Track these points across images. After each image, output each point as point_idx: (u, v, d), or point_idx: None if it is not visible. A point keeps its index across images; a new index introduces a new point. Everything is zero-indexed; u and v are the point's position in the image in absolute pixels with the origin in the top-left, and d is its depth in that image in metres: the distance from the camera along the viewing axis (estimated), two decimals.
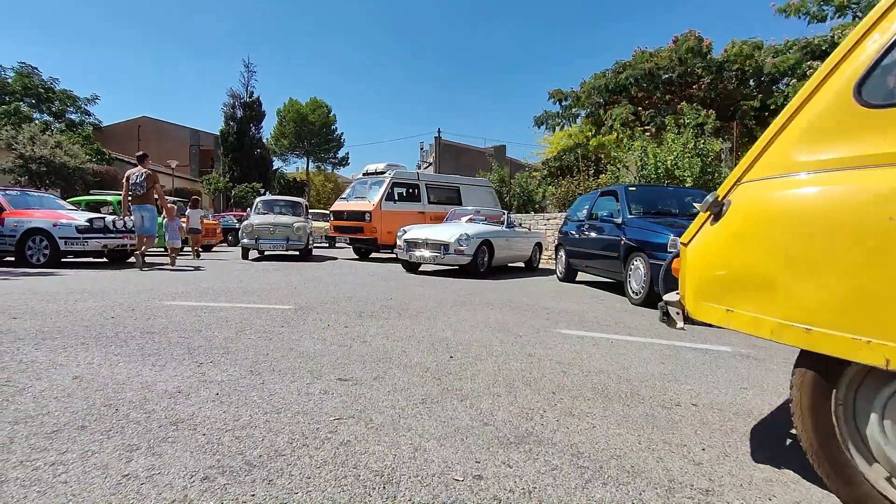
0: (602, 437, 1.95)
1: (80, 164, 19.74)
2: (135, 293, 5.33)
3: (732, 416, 2.25)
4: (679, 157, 10.42)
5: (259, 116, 37.26)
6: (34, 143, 18.36)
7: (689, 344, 3.73)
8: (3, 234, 8.17)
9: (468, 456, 1.75)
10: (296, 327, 3.82)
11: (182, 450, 1.72)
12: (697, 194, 7.23)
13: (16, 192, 9.32)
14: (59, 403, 2.11)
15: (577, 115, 18.46)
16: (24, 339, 3.17)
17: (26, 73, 32.64)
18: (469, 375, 2.71)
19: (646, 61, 16.13)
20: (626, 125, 15.59)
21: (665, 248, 5.17)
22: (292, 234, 11.16)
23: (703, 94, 15.15)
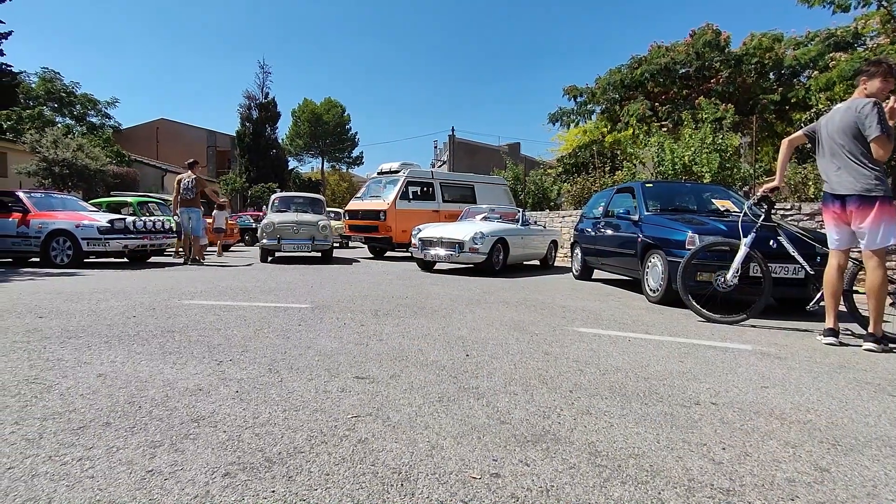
0: (620, 436, 1.94)
1: (100, 167, 20.14)
2: (155, 293, 5.42)
3: (753, 415, 2.22)
4: (697, 152, 10.28)
5: (274, 117, 37.64)
6: (57, 146, 18.78)
7: (708, 342, 3.69)
8: (28, 236, 8.39)
9: (485, 454, 1.76)
10: (312, 326, 3.85)
11: (203, 446, 1.75)
12: (716, 190, 7.13)
13: (40, 194, 9.55)
14: (84, 400, 2.16)
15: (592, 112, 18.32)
16: (50, 338, 3.25)
17: (49, 78, 33.42)
18: (485, 374, 2.71)
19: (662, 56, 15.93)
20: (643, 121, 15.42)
21: (683, 246, 5.11)
22: (317, 233, 10.14)
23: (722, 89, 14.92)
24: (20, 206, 8.63)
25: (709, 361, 3.12)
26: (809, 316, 5.01)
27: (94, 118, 35.91)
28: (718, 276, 4.58)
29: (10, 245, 8.49)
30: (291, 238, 10.04)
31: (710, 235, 4.97)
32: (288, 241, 9.98)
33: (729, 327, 4.30)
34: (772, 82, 15.55)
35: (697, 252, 4.62)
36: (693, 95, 15.25)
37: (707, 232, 5.08)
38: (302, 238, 10.09)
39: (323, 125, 50.03)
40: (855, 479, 1.68)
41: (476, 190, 13.66)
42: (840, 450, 1.89)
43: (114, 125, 36.87)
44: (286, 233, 10.03)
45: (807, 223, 7.86)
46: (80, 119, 34.75)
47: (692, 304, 4.54)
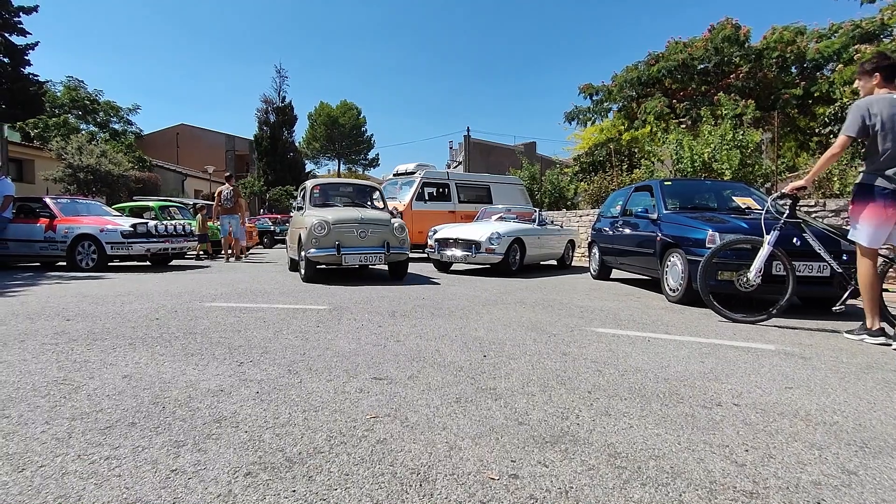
0: (640, 438, 1.92)
1: (123, 172, 20.59)
2: (177, 295, 5.53)
3: (777, 416, 2.18)
4: (717, 149, 10.13)
5: (291, 121, 38.10)
6: (81, 152, 19.25)
7: (730, 342, 3.63)
8: (55, 241, 8.61)
9: (503, 455, 1.76)
10: (331, 327, 3.89)
11: (225, 446, 1.78)
12: (737, 188, 7.02)
13: (66, 199, 9.80)
14: (110, 401, 2.21)
15: (608, 110, 18.18)
16: (77, 340, 3.34)
17: (73, 87, 34.28)
18: (503, 374, 2.71)
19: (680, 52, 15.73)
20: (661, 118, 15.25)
21: (703, 244, 5.04)
22: (392, 236, 7.10)
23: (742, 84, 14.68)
24: (47, 212, 8.86)
25: (731, 362, 3.08)
26: (834, 315, 4.90)
27: (117, 125, 36.72)
28: (740, 276, 4.51)
29: (38, 250, 8.72)
30: (357, 246, 6.88)
31: (730, 233, 4.90)
32: (352, 249, 6.82)
33: (751, 327, 4.22)
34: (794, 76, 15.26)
35: (718, 250, 4.55)
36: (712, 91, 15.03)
37: (728, 230, 5.00)
38: (371, 246, 6.97)
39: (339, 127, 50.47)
40: (884, 482, 1.64)
41: (492, 190, 13.64)
42: (868, 452, 1.85)
43: (135, 131, 37.65)
44: (348, 238, 6.86)
45: (832, 220, 7.69)
46: (103, 126, 35.56)
47: (713, 304, 4.47)
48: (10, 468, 1.60)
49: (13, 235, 8.72)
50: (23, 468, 1.60)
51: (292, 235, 8.23)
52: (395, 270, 7.54)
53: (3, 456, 1.69)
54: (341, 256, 6.74)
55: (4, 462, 1.64)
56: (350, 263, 6.83)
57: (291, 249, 8.32)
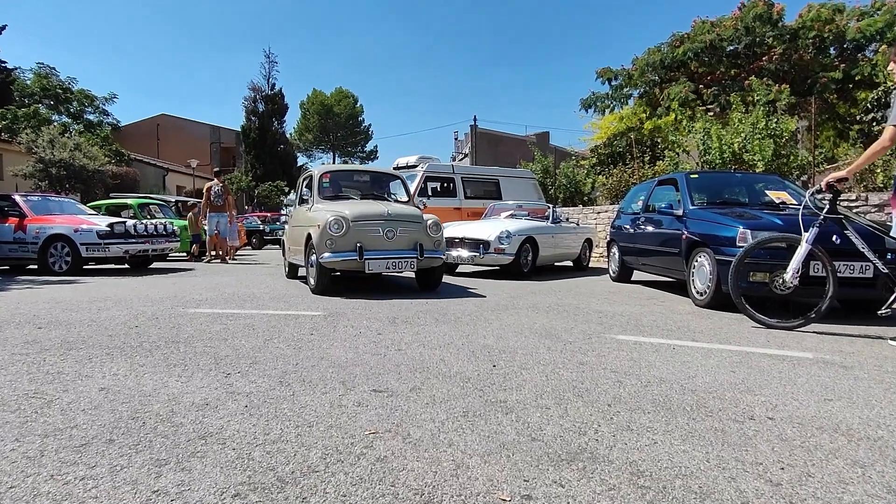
0: (665, 455, 1.92)
1: (99, 167, 20.72)
2: (158, 301, 5.55)
3: (816, 430, 2.17)
4: (748, 138, 10.09)
5: (282, 110, 38.22)
6: (53, 145, 19.38)
7: (763, 349, 3.62)
8: (25, 242, 8.67)
9: (515, 474, 1.76)
10: (326, 335, 3.90)
11: (212, 465, 1.79)
12: (771, 180, 6.99)
13: (37, 197, 9.88)
14: (86, 416, 2.22)
15: (629, 96, 18.17)
16: (49, 350, 3.36)
17: (44, 74, 34.47)
18: (514, 386, 2.71)
19: (707, 32, 15.70)
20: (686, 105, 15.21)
21: (733, 243, 5.03)
22: (425, 236, 6.32)
23: (775, 67, 14.62)
24: (16, 211, 8.93)
25: (764, 371, 3.06)
26: (878, 320, 4.87)
27: (92, 115, 36.92)
28: (775, 277, 4.49)
29: (7, 252, 8.79)
30: (382, 249, 6.07)
31: (764, 231, 4.88)
32: (378, 253, 6.02)
33: (785, 334, 4.20)
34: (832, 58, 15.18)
35: (751, 249, 4.53)
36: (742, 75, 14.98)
37: (761, 227, 4.98)
38: (400, 248, 6.16)
39: (334, 117, 50.64)
40: None
41: (501, 184, 13.65)
42: None
43: (112, 122, 37.85)
44: (371, 239, 6.05)
45: (874, 215, 7.65)
46: (77, 117, 35.77)
47: (746, 308, 4.46)
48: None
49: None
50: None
51: (293, 236, 7.37)
52: (426, 279, 6.63)
53: None
54: (364, 262, 5.86)
55: None
56: (375, 271, 5.98)
57: (293, 253, 7.39)
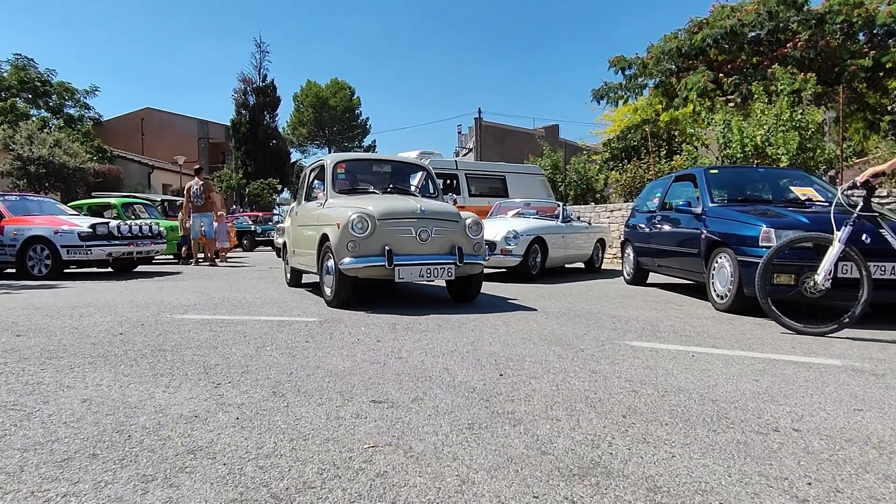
0: (683, 469, 1.92)
1: (80, 164, 20.80)
2: (143, 306, 5.58)
3: (845, 443, 2.17)
4: (771, 131, 10.07)
5: (274, 103, 38.30)
6: (32, 142, 19.47)
7: (788, 356, 3.61)
8: (3, 244, 8.71)
9: (524, 490, 1.76)
10: (322, 342, 3.91)
11: (201, 481, 1.80)
12: (796, 176, 6.98)
13: (15, 197, 9.94)
14: (68, 429, 2.24)
15: (644, 86, 18.14)
16: (29, 359, 3.38)
17: (22, 66, 34.63)
18: (522, 396, 2.71)
19: (727, 17, 15.67)
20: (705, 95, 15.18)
21: (756, 242, 5.02)
22: (464, 238, 5.73)
23: (800, 54, 14.59)
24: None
25: (789, 380, 3.06)
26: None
27: (72, 109, 37.09)
28: (804, 279, 4.49)
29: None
30: (414, 254, 5.43)
31: (789, 230, 4.87)
32: (408, 259, 5.37)
33: (812, 340, 4.19)
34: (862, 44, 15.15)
35: (779, 250, 4.54)
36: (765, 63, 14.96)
37: (786, 226, 4.98)
38: (435, 253, 5.55)
39: (329, 110, 50.73)
40: None
41: (508, 181, 13.65)
42: None
43: (94, 117, 38.00)
44: (401, 241, 5.40)
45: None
46: (56, 111, 35.93)
47: (773, 312, 4.46)
48: None
49: None
50: None
51: (299, 237, 6.71)
52: (462, 289, 6.02)
53: None
54: (394, 269, 5.22)
55: None
56: (406, 279, 5.21)
57: (299, 257, 6.73)
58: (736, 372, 3.21)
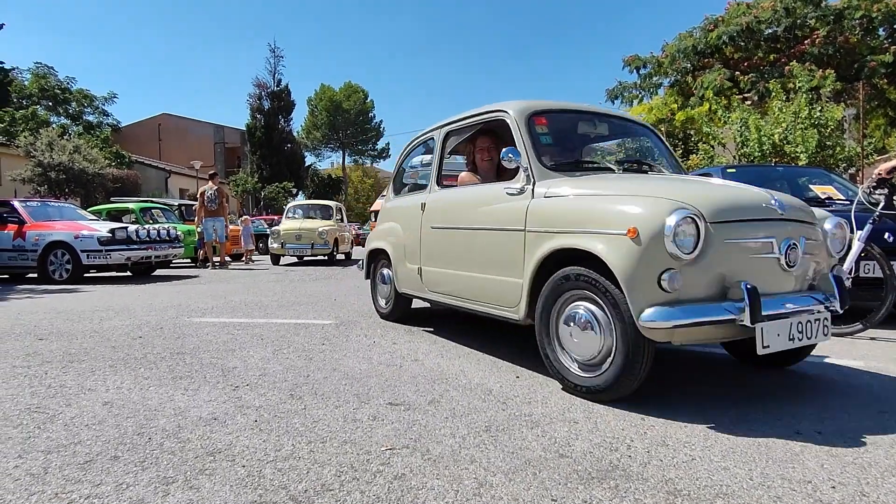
0: (704, 472, 1.90)
1: (99, 170, 21.10)
2: (162, 310, 5.64)
3: (870, 446, 2.13)
4: (789, 129, 9.94)
5: (288, 107, 38.57)
6: (52, 148, 19.79)
7: (808, 357, 3.55)
8: (25, 249, 8.86)
9: (542, 493, 1.75)
10: (338, 345, 3.93)
11: (221, 483, 1.81)
12: (815, 174, 6.89)
13: (36, 203, 10.10)
14: (90, 431, 2.27)
15: (658, 85, 18.02)
16: (51, 362, 3.43)
17: (42, 74, 35.27)
18: (540, 399, 2.70)
19: (743, 14, 15.52)
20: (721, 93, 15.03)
21: None
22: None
23: (818, 51, 14.40)
24: (15, 217, 9.14)
25: (811, 381, 3.02)
26: None
27: (91, 116, 37.69)
28: None
29: (7, 260, 9.00)
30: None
31: None
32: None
33: (833, 340, 4.13)
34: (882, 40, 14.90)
35: None
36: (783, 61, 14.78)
37: None
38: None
39: (343, 114, 51.01)
40: None
41: None
42: None
43: (112, 123, 38.57)
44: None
45: None
46: (75, 118, 36.53)
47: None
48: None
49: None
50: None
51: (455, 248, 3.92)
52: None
53: None
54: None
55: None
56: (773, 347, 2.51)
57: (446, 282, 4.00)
58: (758, 373, 3.17)
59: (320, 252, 13.13)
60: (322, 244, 12.90)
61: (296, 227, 13.10)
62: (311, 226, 13.22)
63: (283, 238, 12.97)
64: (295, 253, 13.18)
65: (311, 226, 13.22)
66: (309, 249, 13.02)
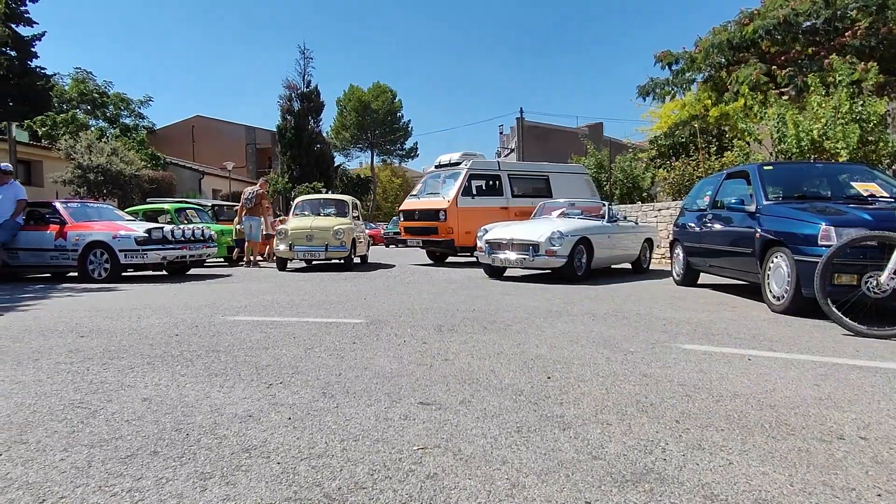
0: (742, 477, 1.86)
1: (135, 171, 21.67)
2: (196, 308, 5.77)
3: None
4: (829, 124, 9.67)
5: (318, 108, 38.98)
6: (91, 151, 20.39)
7: (852, 361, 3.46)
8: (66, 249, 9.15)
9: (576, 495, 1.74)
10: (369, 344, 3.96)
11: (257, 479, 1.85)
12: (857, 170, 6.69)
13: (77, 203, 10.41)
14: (130, 427, 2.34)
15: (692, 81, 17.66)
16: (92, 359, 3.54)
17: (81, 79, 36.36)
18: (571, 400, 2.69)
19: (780, 7, 15.12)
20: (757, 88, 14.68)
21: (815, 241, 4.83)
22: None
23: (860, 43, 13.95)
24: (57, 218, 9.44)
25: (854, 386, 2.93)
26: None
27: (128, 119, 38.68)
28: (868, 279, 4.32)
29: (49, 259, 9.30)
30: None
31: (850, 227, 4.68)
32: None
33: (877, 343, 4.01)
34: None
35: (840, 249, 4.37)
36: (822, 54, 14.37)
37: (847, 223, 4.78)
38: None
39: (371, 114, 51.38)
40: None
41: (551, 181, 13.54)
42: None
43: (148, 125, 39.54)
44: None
45: None
46: (113, 121, 37.52)
47: (835, 313, 4.29)
48: (30, 498, 1.72)
49: (23, 244, 9.32)
50: (43, 499, 1.72)
51: None
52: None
53: (23, 485, 1.81)
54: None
55: (25, 492, 1.77)
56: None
57: None
58: (795, 376, 3.10)
59: (335, 255, 10.94)
60: (338, 246, 10.76)
61: (306, 226, 10.96)
62: (324, 224, 11.07)
63: (291, 238, 10.82)
64: (305, 256, 10.91)
65: (324, 224, 11.07)
66: (322, 252, 10.76)
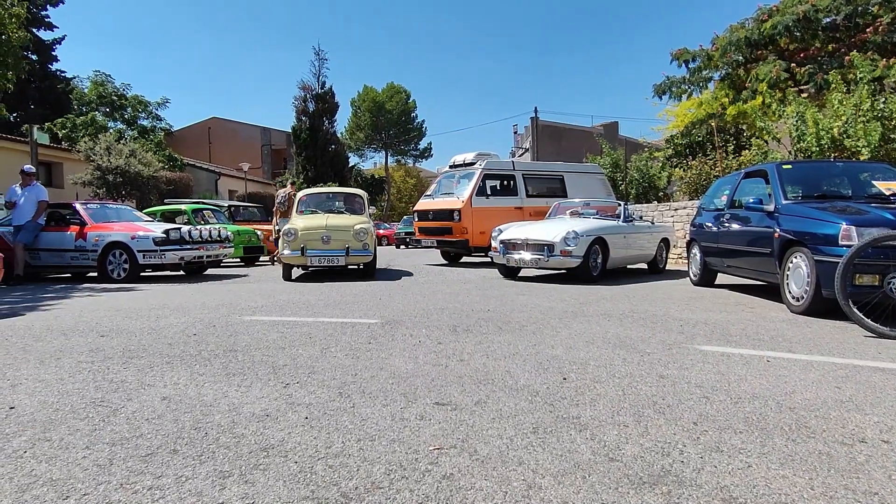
0: (761, 480, 1.85)
1: (153, 173, 21.94)
2: (214, 308, 5.83)
3: None
4: (850, 122, 9.52)
5: (332, 108, 39.12)
6: (110, 153, 20.69)
7: (874, 363, 3.41)
8: (86, 250, 9.29)
9: (593, 497, 1.74)
10: (384, 344, 3.98)
11: (274, 478, 1.87)
12: (879, 169, 6.59)
13: (96, 205, 10.57)
14: (150, 425, 2.37)
15: (708, 79, 17.49)
16: (112, 358, 3.60)
17: (100, 82, 36.89)
18: (587, 401, 2.68)
19: (799, 3, 14.92)
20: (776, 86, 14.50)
21: (835, 241, 4.77)
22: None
23: (882, 39, 13.71)
24: (77, 219, 9.59)
25: (876, 388, 2.89)
26: None
27: (145, 121, 39.17)
28: (890, 280, 4.26)
29: (69, 260, 9.45)
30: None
31: (872, 227, 4.61)
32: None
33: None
34: None
35: (861, 249, 4.32)
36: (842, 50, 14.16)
37: (868, 223, 4.71)
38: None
39: (386, 114, 51.51)
40: None
41: (566, 181, 13.48)
42: None
43: (165, 127, 40.00)
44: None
45: None
46: (131, 123, 38.01)
47: (855, 314, 4.24)
48: (54, 495, 1.76)
49: (44, 245, 9.48)
50: (67, 496, 1.75)
51: None
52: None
53: (47, 482, 1.85)
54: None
55: (49, 489, 1.80)
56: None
57: None
58: (815, 378, 3.06)
59: (358, 260, 8.92)
60: (361, 249, 8.77)
61: (321, 225, 8.93)
62: (342, 222, 9.11)
63: (302, 241, 8.64)
64: (322, 262, 8.72)
65: (342, 222, 9.11)
66: (342, 257, 8.70)
